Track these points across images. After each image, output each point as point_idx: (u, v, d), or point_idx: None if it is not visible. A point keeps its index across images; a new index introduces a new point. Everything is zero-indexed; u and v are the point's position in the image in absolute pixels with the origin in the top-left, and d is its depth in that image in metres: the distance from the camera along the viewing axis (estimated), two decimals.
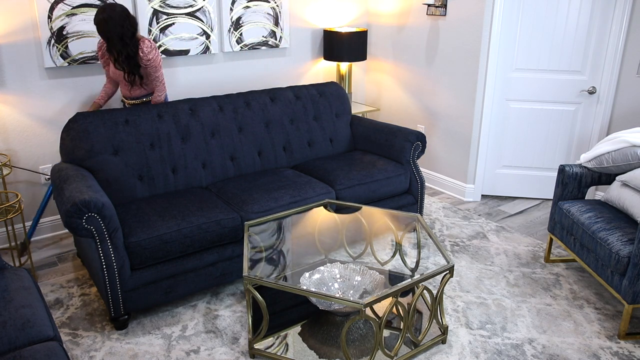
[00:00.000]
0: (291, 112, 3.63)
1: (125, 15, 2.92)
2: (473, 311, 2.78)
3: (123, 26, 2.91)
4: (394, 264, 3.20)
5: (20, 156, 3.33)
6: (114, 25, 2.89)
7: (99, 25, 2.89)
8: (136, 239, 2.53)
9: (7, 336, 1.80)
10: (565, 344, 2.54)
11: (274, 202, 2.97)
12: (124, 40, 2.94)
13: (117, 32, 2.91)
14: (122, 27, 2.91)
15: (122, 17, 2.91)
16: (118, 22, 2.89)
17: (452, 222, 3.80)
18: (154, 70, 3.08)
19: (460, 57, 3.98)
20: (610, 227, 2.66)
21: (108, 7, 2.89)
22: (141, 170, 3.03)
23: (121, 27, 2.91)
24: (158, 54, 3.06)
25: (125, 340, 2.55)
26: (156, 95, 3.19)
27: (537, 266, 3.22)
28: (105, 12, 2.87)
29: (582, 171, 3.04)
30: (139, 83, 3.14)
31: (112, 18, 2.88)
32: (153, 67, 3.06)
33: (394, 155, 3.56)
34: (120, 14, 2.90)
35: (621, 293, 2.52)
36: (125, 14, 2.93)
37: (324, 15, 4.43)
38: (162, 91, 3.19)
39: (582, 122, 3.88)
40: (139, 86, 3.18)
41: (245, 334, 2.59)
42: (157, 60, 3.06)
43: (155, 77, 3.12)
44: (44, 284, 3.01)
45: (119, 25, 2.90)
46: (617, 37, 3.58)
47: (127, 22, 2.93)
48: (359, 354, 2.41)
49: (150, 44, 3.02)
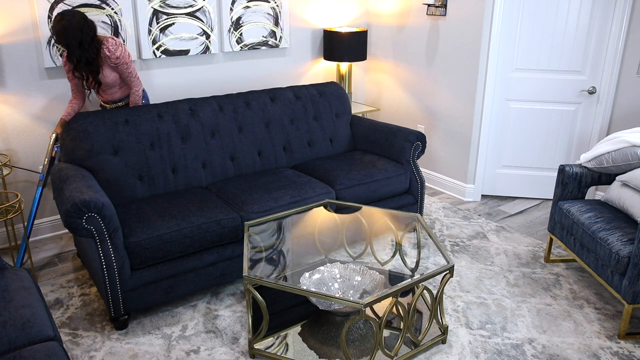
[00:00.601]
0: (291, 112, 3.63)
1: (83, 19, 2.88)
2: (473, 311, 2.78)
3: (82, 31, 2.86)
4: (394, 264, 3.20)
5: (20, 156, 3.33)
6: (73, 32, 2.84)
7: (58, 34, 2.83)
8: (136, 239, 2.53)
9: (7, 336, 1.80)
10: (565, 344, 2.54)
11: (274, 202, 2.97)
12: (83, 46, 2.89)
13: (77, 38, 2.87)
14: (81, 33, 2.87)
15: (80, 22, 2.86)
16: (77, 28, 2.85)
17: (452, 222, 3.80)
18: (125, 67, 3.04)
19: (460, 57, 3.98)
20: (610, 227, 2.66)
21: (65, 14, 2.84)
22: (141, 170, 3.03)
23: (80, 32, 2.86)
24: (125, 50, 3.02)
25: (125, 340, 2.55)
26: (133, 90, 3.16)
27: (537, 266, 3.22)
28: (64, 19, 2.82)
29: (582, 171, 3.04)
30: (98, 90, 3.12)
31: (71, 24, 2.83)
32: (123, 63, 3.02)
33: (394, 155, 3.56)
34: (78, 20, 2.86)
35: (621, 293, 2.52)
36: (83, 18, 2.88)
37: (324, 15, 4.43)
38: (138, 85, 3.15)
39: (582, 122, 3.88)
40: (118, 88, 3.16)
41: (245, 334, 2.59)
42: (125, 56, 3.01)
43: (128, 74, 3.08)
44: (44, 284, 3.01)
45: (78, 30, 2.85)
46: (617, 37, 3.58)
47: (86, 27, 2.88)
48: (359, 354, 2.41)
49: (114, 42, 2.97)
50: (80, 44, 2.88)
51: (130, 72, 3.08)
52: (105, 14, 3.36)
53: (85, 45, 2.89)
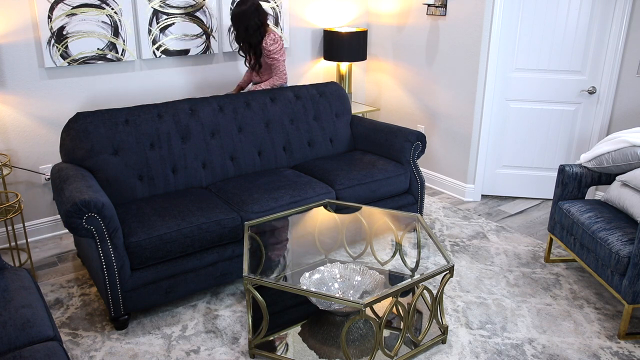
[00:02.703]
0: (291, 112, 3.63)
1: (256, 10, 3.36)
2: (473, 311, 2.78)
3: (250, 19, 3.36)
4: (394, 264, 3.20)
5: (20, 156, 3.33)
6: (244, 18, 3.35)
7: (232, 17, 3.39)
8: (136, 239, 2.53)
9: (7, 336, 1.80)
10: (565, 344, 2.54)
11: (274, 202, 2.97)
12: (248, 31, 3.39)
13: (244, 24, 3.37)
14: (249, 20, 3.36)
15: (252, 11, 3.36)
16: (247, 15, 3.35)
17: (452, 222, 3.80)
18: (272, 60, 3.49)
19: (460, 57, 3.98)
20: (610, 227, 2.66)
21: (244, 1, 3.36)
22: (141, 170, 3.03)
23: (248, 19, 3.36)
24: (279, 47, 3.45)
25: (125, 340, 2.55)
26: (274, 78, 3.57)
27: (537, 266, 3.23)
28: (242, 5, 3.35)
29: (582, 171, 3.04)
30: (257, 71, 3.61)
31: (244, 12, 3.35)
32: (272, 58, 3.47)
33: (394, 155, 3.56)
34: (250, 8, 3.36)
35: (621, 293, 2.52)
36: (256, 8, 3.37)
37: (324, 15, 4.43)
38: (279, 79, 3.57)
39: (582, 122, 3.88)
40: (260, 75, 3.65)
41: (245, 334, 2.59)
42: (276, 52, 3.45)
43: (275, 67, 3.53)
44: (44, 284, 3.01)
45: (248, 18, 3.35)
46: (617, 37, 3.58)
47: (256, 16, 3.36)
48: (359, 354, 2.41)
49: (274, 37, 3.42)
50: (246, 29, 3.39)
51: (277, 66, 3.52)
52: (105, 13, 3.36)
53: (250, 31, 3.40)
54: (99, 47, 3.40)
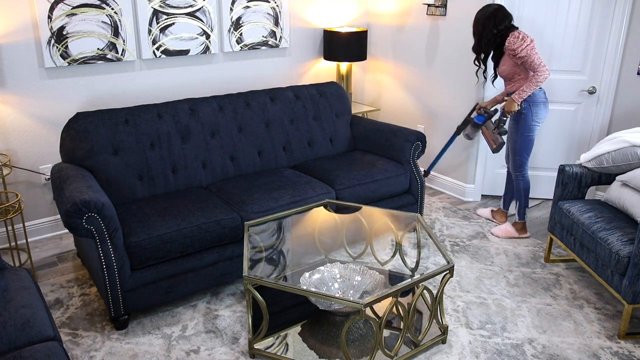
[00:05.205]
0: (291, 112, 3.63)
1: (491, 16, 3.17)
2: (473, 311, 2.78)
3: (485, 27, 3.20)
4: (394, 264, 3.20)
5: (20, 156, 3.33)
6: (477, 26, 3.23)
7: (473, 24, 3.28)
8: (136, 239, 2.53)
9: (7, 336, 1.80)
10: (565, 344, 2.54)
11: (274, 202, 2.97)
12: (482, 41, 3.26)
13: (478, 32, 3.24)
14: (484, 28, 3.20)
15: (486, 18, 3.19)
16: (481, 23, 3.21)
17: (452, 222, 3.80)
18: (520, 59, 3.18)
19: (460, 57, 3.98)
20: (610, 227, 2.66)
21: (483, 7, 3.22)
22: (141, 170, 3.03)
23: (483, 27, 3.21)
24: (523, 45, 3.12)
25: (125, 340, 2.55)
26: (535, 74, 3.15)
27: (537, 266, 3.22)
28: (479, 11, 3.23)
29: (582, 171, 3.04)
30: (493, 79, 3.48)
31: (478, 19, 3.23)
32: (519, 57, 3.16)
33: (394, 155, 3.56)
34: (485, 15, 3.19)
35: (621, 293, 2.52)
36: (492, 15, 3.17)
37: (324, 15, 4.43)
38: (540, 73, 3.14)
39: (582, 122, 3.88)
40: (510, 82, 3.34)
41: (245, 334, 2.59)
42: (520, 50, 3.13)
43: (529, 63, 3.15)
44: (44, 284, 3.01)
45: (481, 25, 3.21)
46: (617, 37, 3.58)
47: (490, 24, 3.17)
48: (359, 354, 2.41)
49: (516, 34, 3.15)
50: (480, 38, 3.26)
51: (532, 61, 3.14)
52: (105, 14, 3.36)
53: (484, 40, 3.25)
54: (99, 47, 3.40)
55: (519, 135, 3.37)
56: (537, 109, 3.29)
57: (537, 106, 3.28)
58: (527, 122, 3.31)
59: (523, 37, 3.14)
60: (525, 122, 3.31)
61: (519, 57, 3.16)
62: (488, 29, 3.19)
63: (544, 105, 3.30)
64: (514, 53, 3.16)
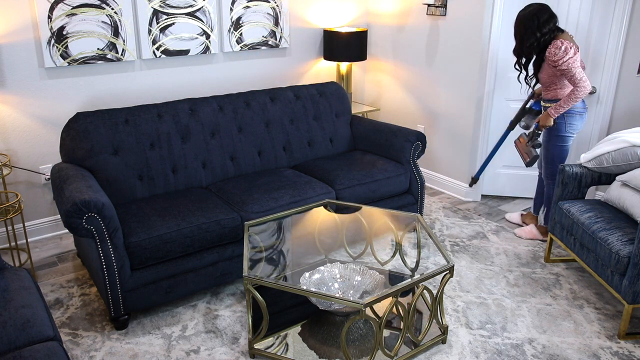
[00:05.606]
0: (291, 112, 3.63)
1: (533, 16, 2.95)
2: (473, 311, 2.78)
3: (527, 28, 2.97)
4: (394, 264, 3.20)
5: (20, 156, 3.33)
6: (518, 26, 3.01)
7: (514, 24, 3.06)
8: (136, 239, 2.53)
9: (7, 336, 1.80)
10: (565, 344, 2.54)
11: (274, 202, 2.97)
12: (523, 44, 3.02)
13: (519, 33, 3.01)
14: (525, 30, 2.99)
15: (528, 19, 2.96)
16: (523, 23, 2.98)
17: (452, 222, 3.80)
18: (560, 72, 3.02)
19: (460, 57, 3.98)
20: (610, 227, 2.66)
21: (526, 6, 2.99)
22: (141, 170, 3.03)
23: (524, 28, 2.99)
24: (565, 57, 2.94)
25: (125, 340, 2.55)
26: (575, 90, 2.99)
27: (537, 266, 3.22)
28: (521, 11, 2.99)
29: (582, 171, 3.04)
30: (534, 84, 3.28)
31: (519, 18, 2.99)
32: (560, 69, 3.00)
33: (394, 155, 3.56)
34: (527, 16, 2.97)
35: (621, 293, 2.52)
36: (533, 15, 2.94)
37: (324, 15, 4.43)
38: (580, 90, 2.97)
39: None
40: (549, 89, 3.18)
41: (245, 334, 2.59)
42: (561, 62, 2.96)
43: (570, 77, 2.99)
44: (44, 284, 3.01)
45: (522, 26, 2.99)
46: (617, 37, 3.58)
47: (533, 25, 2.95)
48: (359, 354, 2.41)
49: (558, 45, 2.94)
50: (521, 41, 3.03)
51: (573, 75, 2.97)
52: (105, 13, 3.36)
53: (526, 43, 3.01)
54: (99, 47, 3.40)
55: (551, 144, 3.26)
56: (572, 120, 3.16)
57: (572, 117, 3.16)
58: (561, 132, 3.20)
59: (566, 48, 2.94)
60: (559, 132, 3.21)
61: (559, 70, 3.01)
62: (530, 31, 2.97)
63: (581, 116, 3.17)
64: (554, 65, 3.00)
